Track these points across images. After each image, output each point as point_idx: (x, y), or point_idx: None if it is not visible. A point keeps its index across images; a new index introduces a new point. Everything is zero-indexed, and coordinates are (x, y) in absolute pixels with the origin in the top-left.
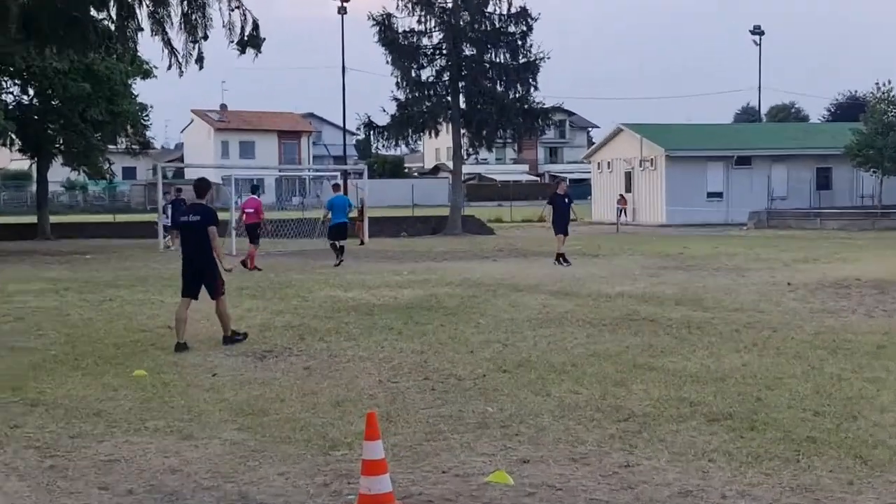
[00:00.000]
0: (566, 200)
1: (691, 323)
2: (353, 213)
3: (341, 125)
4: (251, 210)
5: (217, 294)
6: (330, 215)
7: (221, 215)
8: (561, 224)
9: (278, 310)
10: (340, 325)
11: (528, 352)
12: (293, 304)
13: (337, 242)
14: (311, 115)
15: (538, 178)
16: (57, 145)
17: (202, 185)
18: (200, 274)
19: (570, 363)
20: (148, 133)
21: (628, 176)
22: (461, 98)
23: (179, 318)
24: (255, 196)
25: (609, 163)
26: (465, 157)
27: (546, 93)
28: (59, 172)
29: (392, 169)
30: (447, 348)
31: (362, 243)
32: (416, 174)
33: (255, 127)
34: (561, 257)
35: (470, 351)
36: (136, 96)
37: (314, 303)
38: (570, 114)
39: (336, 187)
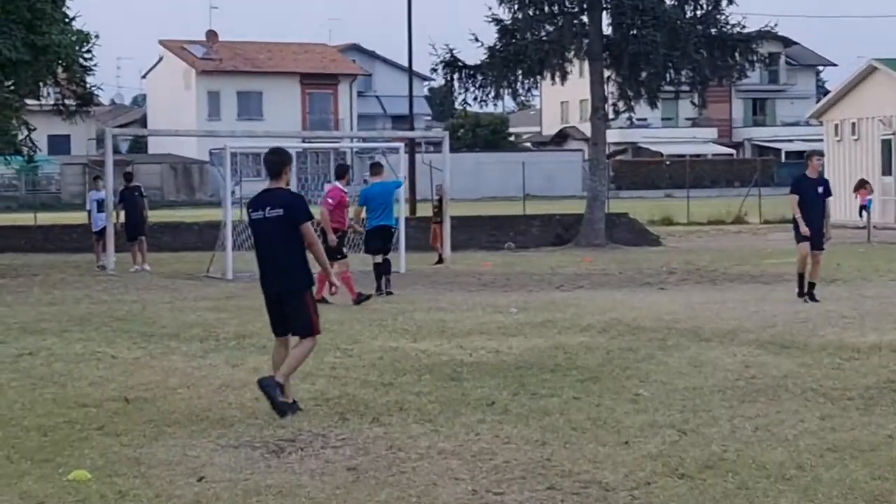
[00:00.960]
0: (819, 189)
1: None
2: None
3: (404, 65)
4: (332, 204)
5: (310, 331)
6: (364, 214)
7: (209, 212)
8: (813, 227)
9: (303, 371)
10: (406, 398)
11: (722, 443)
12: (329, 360)
13: (379, 258)
14: (356, 49)
15: (733, 151)
16: None
17: (279, 160)
18: (283, 296)
19: (794, 463)
20: (90, 80)
21: (888, 146)
22: (604, 17)
23: (277, 365)
24: (341, 183)
25: (854, 124)
26: (612, 116)
27: (747, 7)
28: None
29: (490, 137)
30: (585, 437)
31: (440, 260)
32: (529, 145)
33: (262, 68)
34: (807, 287)
35: (624, 442)
36: (72, 20)
37: (363, 359)
38: (789, 43)
39: (375, 168)
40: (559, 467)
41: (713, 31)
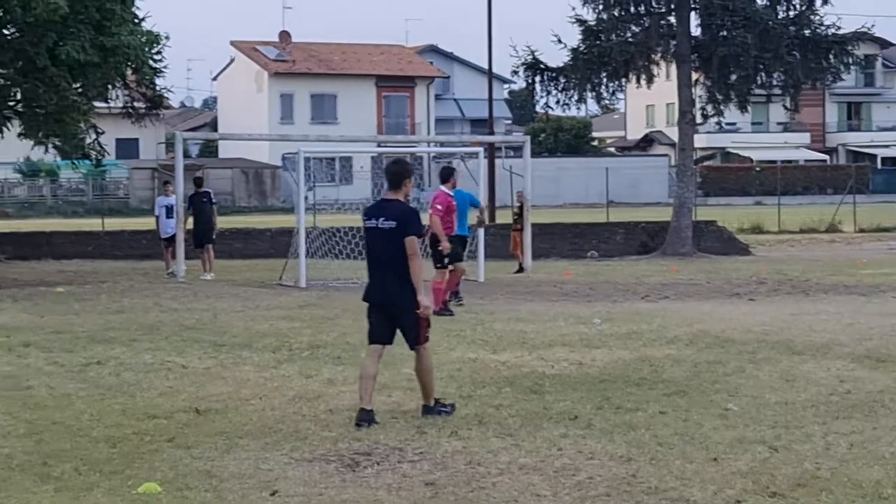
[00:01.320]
0: None
1: None
2: (475, 220)
3: (484, 66)
4: (441, 210)
5: (419, 340)
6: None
7: (281, 218)
8: None
9: (380, 383)
10: (486, 411)
11: (815, 461)
12: (405, 372)
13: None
14: (434, 51)
15: (827, 157)
16: (10, 102)
17: (401, 171)
18: (394, 309)
19: (891, 482)
20: (160, 81)
21: None
22: (693, 18)
23: (366, 374)
24: (447, 187)
25: None
26: (700, 120)
27: (843, 8)
28: (11, 149)
29: (572, 141)
30: (672, 453)
31: (521, 269)
32: (612, 150)
33: (336, 70)
34: None
35: (712, 458)
36: (142, 20)
37: (441, 371)
38: (886, 44)
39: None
40: (645, 484)
41: (806, 32)
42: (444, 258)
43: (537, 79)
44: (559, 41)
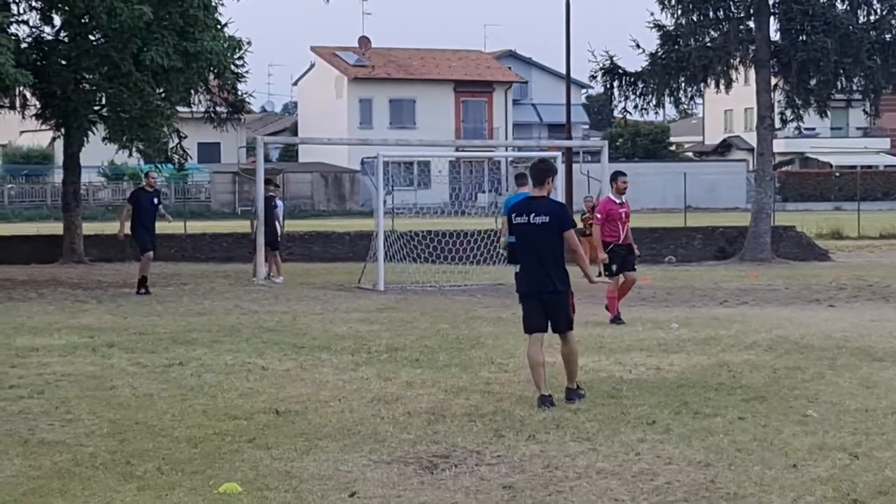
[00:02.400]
0: None
1: None
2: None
3: (561, 72)
4: (601, 218)
5: (570, 325)
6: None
7: (360, 222)
8: None
9: (458, 386)
10: (563, 415)
11: None
12: (483, 375)
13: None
14: (512, 56)
15: None
16: (96, 107)
17: (546, 168)
18: (548, 297)
19: None
20: (242, 87)
21: None
22: (772, 22)
23: (535, 363)
24: (613, 194)
25: None
26: (779, 125)
27: None
28: (96, 153)
29: (650, 146)
30: (751, 459)
31: (599, 274)
32: (690, 155)
33: (415, 75)
34: None
35: (792, 465)
36: (225, 26)
37: (519, 374)
38: None
39: (520, 179)
40: (723, 490)
41: (887, 36)
42: (612, 266)
43: (615, 84)
44: (637, 46)
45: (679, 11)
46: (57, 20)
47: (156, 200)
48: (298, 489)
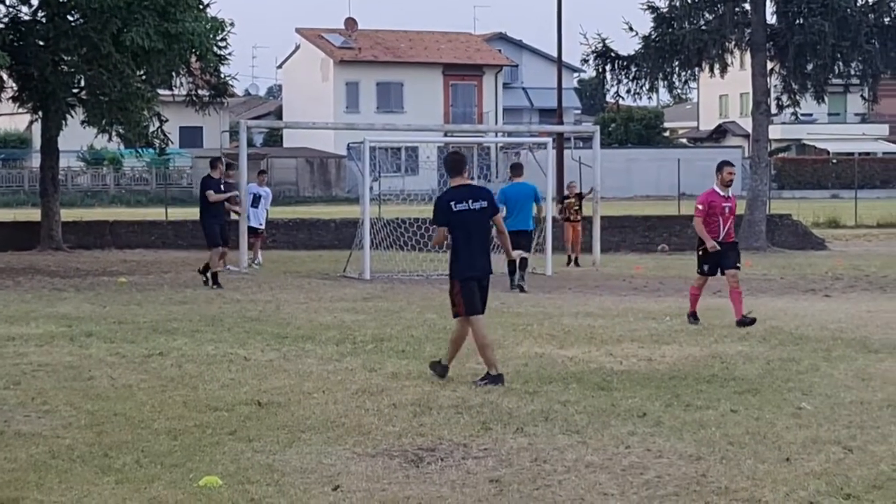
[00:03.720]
0: None
1: None
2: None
3: (553, 55)
4: (702, 210)
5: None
6: (504, 214)
7: (346, 209)
8: None
9: (446, 377)
10: (552, 407)
11: (892, 462)
12: (471, 366)
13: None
14: (502, 38)
15: None
16: (75, 90)
17: (461, 159)
18: (486, 281)
19: None
20: (224, 69)
21: None
22: (768, 5)
23: (488, 343)
24: (717, 185)
25: None
26: (775, 110)
27: None
28: (75, 137)
29: (643, 132)
30: (743, 452)
31: (571, 262)
32: (684, 141)
33: (403, 58)
34: None
35: (785, 458)
36: (207, 6)
37: (507, 366)
38: None
39: (516, 169)
40: (715, 484)
41: (886, 19)
42: (704, 266)
43: (608, 67)
44: (630, 29)
45: None
46: (34, 0)
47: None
48: (280, 482)
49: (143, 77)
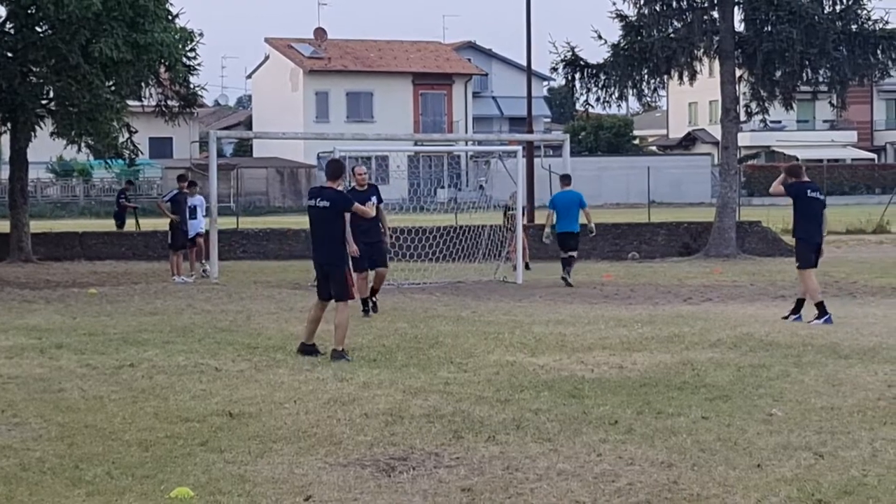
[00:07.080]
0: None
1: None
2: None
3: (522, 64)
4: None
5: (341, 296)
6: (555, 218)
7: None
8: None
9: (416, 386)
10: (524, 415)
11: (862, 468)
12: (442, 375)
13: (567, 255)
14: (471, 47)
15: (874, 156)
16: (44, 101)
17: (340, 167)
18: (329, 269)
19: None
20: (194, 80)
21: None
22: (737, 13)
23: (314, 319)
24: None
25: None
26: (744, 118)
27: (890, 2)
28: (44, 148)
29: (612, 140)
30: (714, 459)
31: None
32: (654, 149)
33: (372, 67)
34: None
35: (756, 465)
36: (176, 17)
37: (478, 374)
38: None
39: (565, 179)
40: (687, 491)
41: (854, 26)
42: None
43: (577, 76)
44: (599, 37)
45: (642, 1)
46: (2, 10)
47: (374, 199)
48: (252, 493)
49: (113, 88)
